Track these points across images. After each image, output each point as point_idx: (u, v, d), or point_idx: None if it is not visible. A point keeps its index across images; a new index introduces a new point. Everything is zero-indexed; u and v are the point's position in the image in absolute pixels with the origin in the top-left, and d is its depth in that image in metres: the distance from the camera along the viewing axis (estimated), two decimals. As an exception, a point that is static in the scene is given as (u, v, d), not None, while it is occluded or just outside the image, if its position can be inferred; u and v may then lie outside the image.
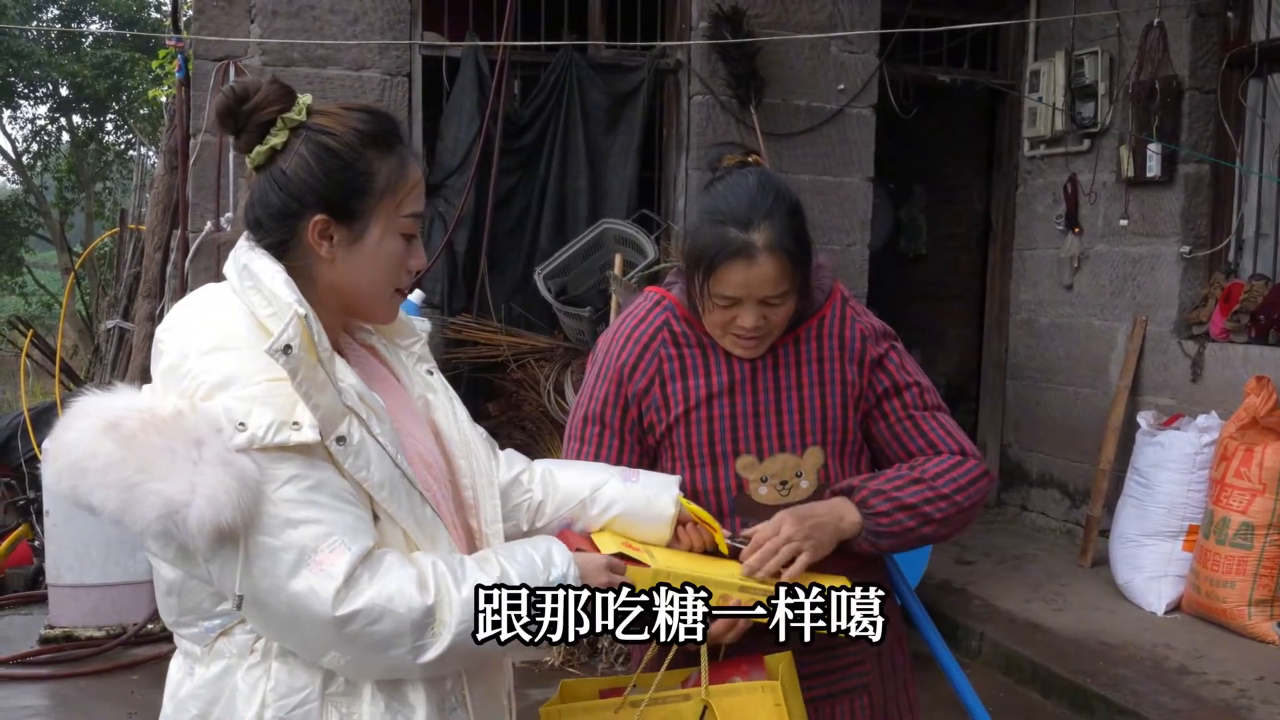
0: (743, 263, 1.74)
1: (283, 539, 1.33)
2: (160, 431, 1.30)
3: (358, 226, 1.48)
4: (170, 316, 1.48)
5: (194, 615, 1.43)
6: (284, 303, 1.39)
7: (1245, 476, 4.63)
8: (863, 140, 5.91)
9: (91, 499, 1.29)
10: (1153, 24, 5.50)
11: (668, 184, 5.84)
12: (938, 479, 1.84)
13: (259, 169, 1.48)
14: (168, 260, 5.62)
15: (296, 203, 1.46)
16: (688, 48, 5.66)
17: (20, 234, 18.12)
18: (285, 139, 1.46)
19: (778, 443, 1.86)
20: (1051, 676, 4.41)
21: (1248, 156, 5.45)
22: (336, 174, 1.46)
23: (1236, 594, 4.63)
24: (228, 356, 1.37)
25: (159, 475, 1.27)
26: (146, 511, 1.27)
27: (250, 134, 1.47)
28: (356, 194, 1.47)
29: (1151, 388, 5.65)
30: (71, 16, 17.84)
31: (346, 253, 1.48)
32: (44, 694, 4.38)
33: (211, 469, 1.28)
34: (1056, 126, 6.05)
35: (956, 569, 5.65)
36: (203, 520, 1.27)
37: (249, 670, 1.41)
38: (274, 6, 5.18)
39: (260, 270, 1.43)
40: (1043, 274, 6.38)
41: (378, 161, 1.48)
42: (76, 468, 1.29)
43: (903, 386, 1.90)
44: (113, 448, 1.28)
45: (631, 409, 1.89)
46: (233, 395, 1.34)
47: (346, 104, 1.52)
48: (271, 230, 1.47)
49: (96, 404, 1.35)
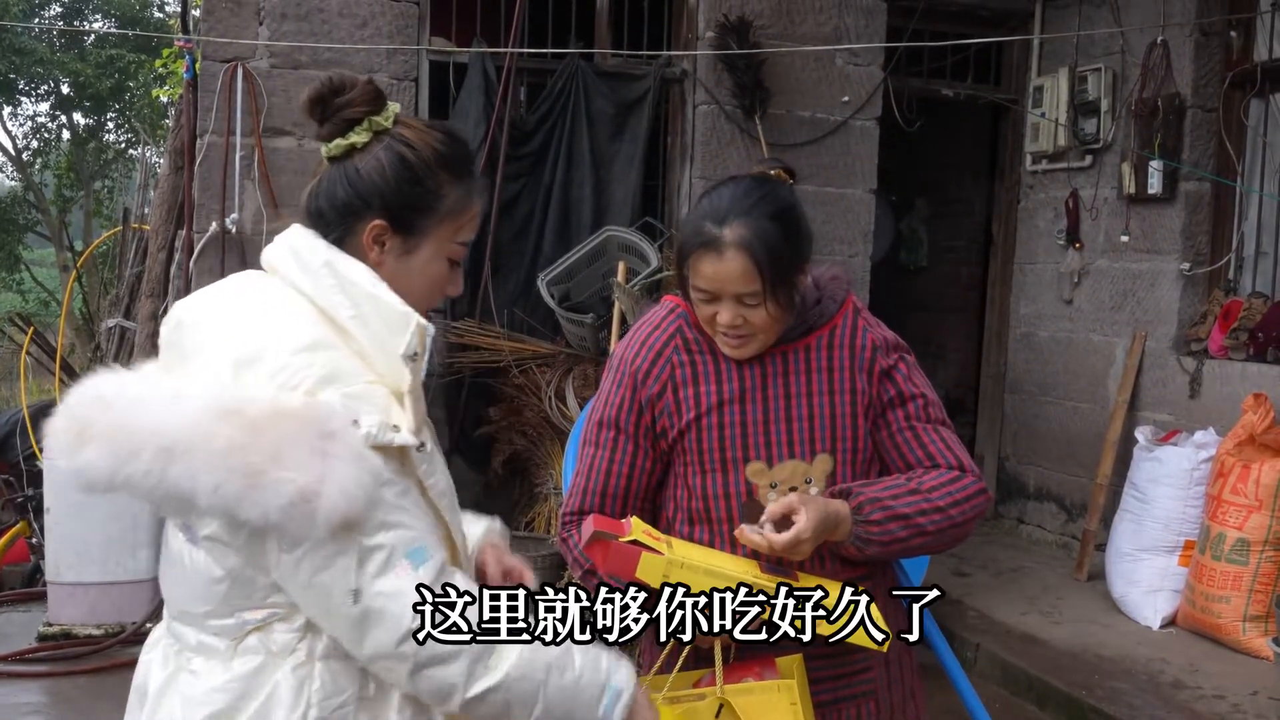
0: (711, 255, 1.78)
1: (375, 539, 1.34)
2: (291, 420, 1.29)
3: (412, 241, 1.50)
4: (208, 304, 1.46)
5: (237, 607, 1.40)
6: (399, 312, 1.42)
7: (1242, 493, 4.66)
8: (866, 152, 5.94)
9: (196, 481, 1.26)
10: (1156, 42, 5.54)
11: (671, 192, 5.87)
12: (934, 491, 1.85)
13: (333, 160, 1.50)
14: (172, 260, 5.63)
15: (361, 202, 1.47)
16: (693, 57, 5.69)
17: (19, 231, 18.10)
18: (367, 140, 1.48)
19: (787, 449, 1.87)
20: (1047, 689, 4.43)
21: (1249, 175, 5.49)
22: (407, 186, 1.48)
23: (1232, 609, 4.65)
24: (326, 355, 1.37)
25: (289, 464, 1.27)
26: (272, 498, 1.26)
27: (334, 125, 1.48)
28: (420, 210, 1.49)
29: (1149, 403, 5.67)
30: (74, 15, 17.85)
31: (395, 262, 1.50)
32: (42, 691, 4.38)
33: (343, 462, 1.29)
34: (1059, 142, 6.08)
35: (953, 580, 5.67)
36: (334, 511, 1.28)
37: (294, 670, 1.39)
38: (283, 9, 5.20)
39: (357, 276, 1.44)
40: (1043, 288, 6.41)
41: (448, 185, 1.51)
42: (178, 450, 1.26)
43: (908, 397, 1.91)
44: (234, 432, 1.26)
45: (645, 414, 1.91)
46: (340, 392, 1.35)
47: (429, 122, 1.55)
48: (331, 222, 1.48)
49: (174, 389, 1.33)
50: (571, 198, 5.54)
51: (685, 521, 1.91)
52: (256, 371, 1.35)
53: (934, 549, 1.90)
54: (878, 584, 1.91)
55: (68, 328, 10.78)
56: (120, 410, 1.31)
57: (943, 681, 2.21)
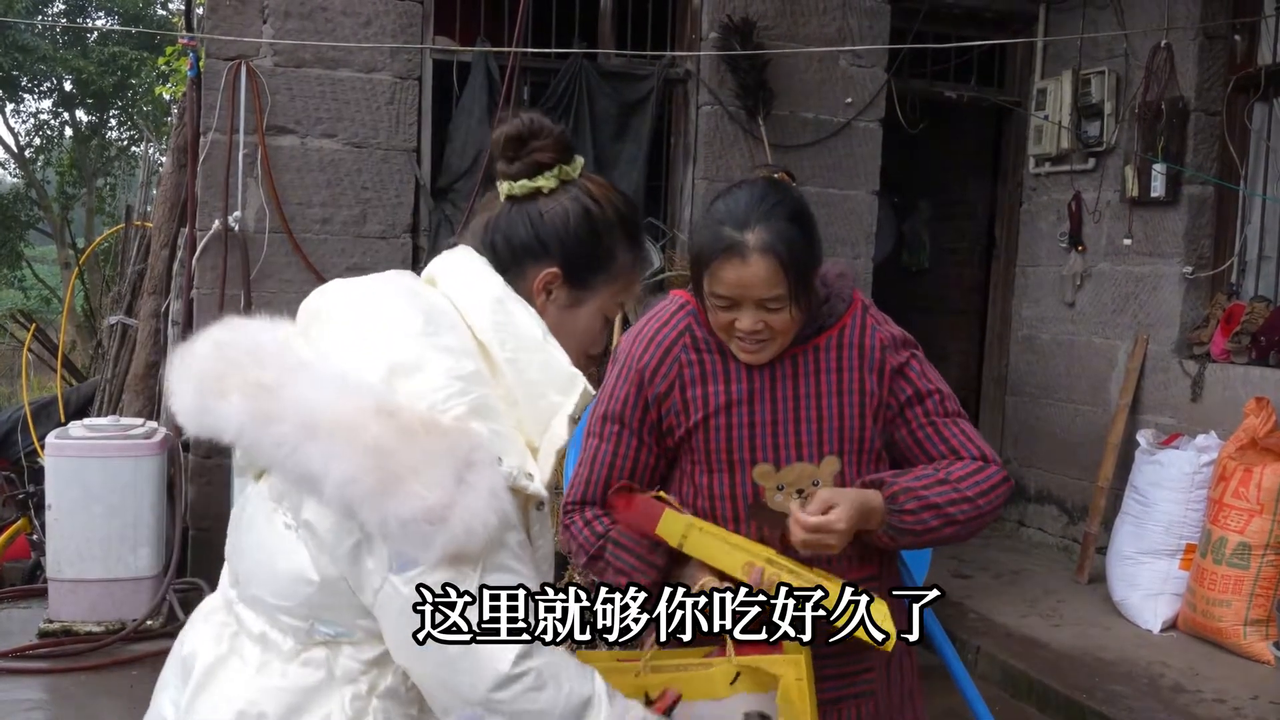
0: (736, 261, 1.76)
1: (491, 578, 1.30)
2: (442, 438, 1.25)
3: (580, 295, 1.50)
4: (359, 298, 1.42)
5: (317, 615, 1.35)
6: (567, 373, 1.41)
7: (1243, 497, 4.66)
8: (869, 154, 5.94)
9: (329, 467, 1.23)
10: (1160, 45, 5.54)
11: (674, 193, 5.87)
12: (962, 481, 1.87)
13: (512, 199, 1.49)
14: (174, 257, 5.64)
15: (540, 246, 1.47)
16: (697, 58, 5.69)
17: (20, 228, 18.12)
18: (554, 186, 1.48)
19: (795, 452, 1.87)
20: (1048, 691, 4.43)
21: (1252, 179, 5.49)
22: (587, 239, 1.48)
23: (1232, 613, 4.65)
24: (481, 390, 1.34)
25: (427, 480, 1.22)
26: (397, 508, 1.22)
27: (523, 165, 1.47)
28: (594, 266, 1.50)
29: (1151, 406, 5.67)
30: (77, 12, 17.86)
31: (559, 312, 1.49)
32: (42, 688, 4.38)
33: (477, 495, 1.25)
34: (1062, 145, 6.08)
35: (954, 583, 5.67)
36: (452, 540, 1.24)
37: (352, 701, 1.35)
38: (287, 7, 5.20)
39: (528, 324, 1.42)
40: (1045, 291, 6.41)
41: (622, 246, 1.52)
42: (321, 430, 1.23)
43: (925, 394, 1.92)
44: (384, 432, 1.23)
45: (651, 411, 1.91)
46: (488, 427, 1.31)
47: (612, 185, 1.55)
48: (504, 260, 1.47)
49: (339, 371, 1.30)
50: (574, 198, 5.53)
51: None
52: (412, 383, 1.31)
53: (962, 538, 1.92)
54: (884, 584, 1.92)
55: (69, 324, 10.79)
56: (276, 372, 1.29)
57: (945, 683, 2.21)
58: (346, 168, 5.32)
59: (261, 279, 5.23)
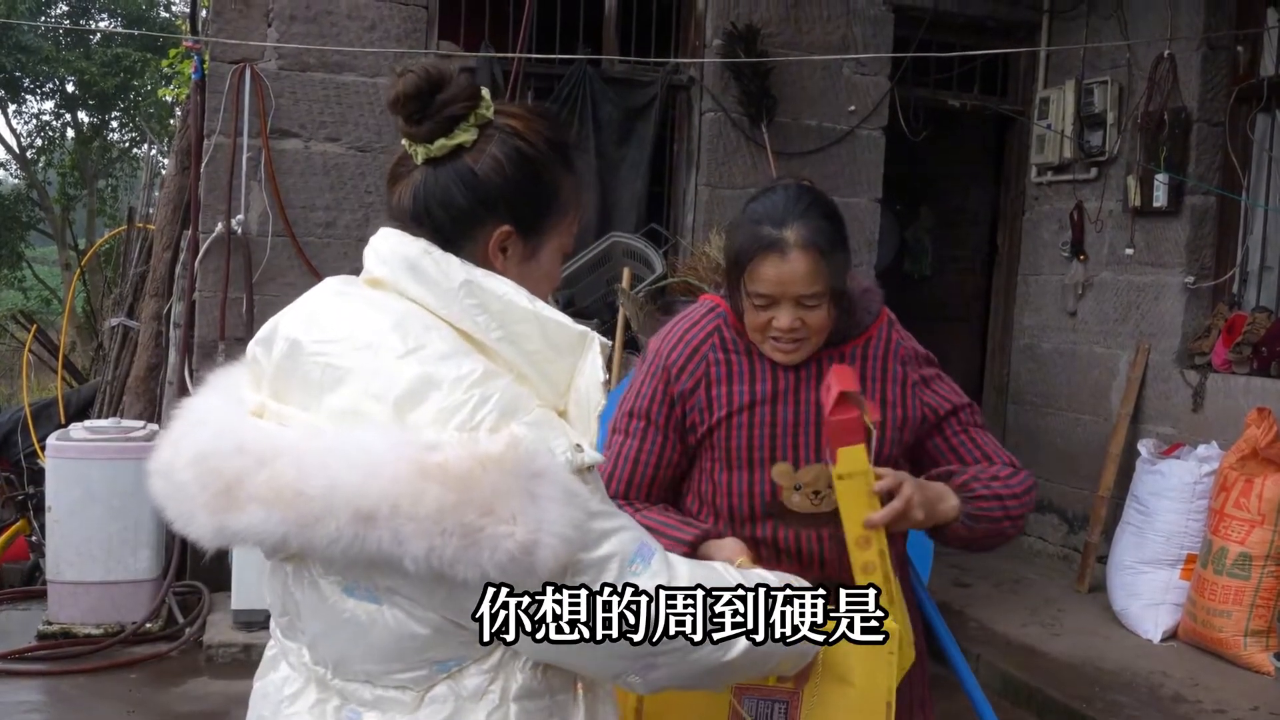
0: (775, 257, 1.79)
1: (603, 550, 1.26)
2: (497, 468, 1.16)
3: (536, 242, 1.38)
4: (328, 325, 1.30)
5: (432, 657, 1.28)
6: (574, 332, 1.32)
7: (1244, 507, 4.65)
8: (872, 161, 5.95)
9: (404, 547, 1.14)
10: (1163, 55, 5.55)
11: (677, 199, 5.87)
12: (1010, 479, 1.94)
13: (432, 162, 1.34)
14: (177, 260, 5.64)
15: (485, 208, 1.33)
16: (701, 65, 5.70)
17: (21, 228, 18.12)
18: (474, 137, 1.32)
19: (814, 453, 1.89)
20: (1048, 701, 4.42)
21: (1254, 189, 5.49)
22: (529, 184, 1.34)
23: (1233, 624, 4.64)
24: (497, 385, 1.23)
25: (504, 516, 1.15)
26: (490, 556, 1.15)
27: (436, 125, 1.31)
28: (544, 210, 1.37)
29: (1152, 416, 5.67)
30: (80, 14, 17.88)
31: (518, 268, 1.36)
32: (41, 690, 4.37)
33: (555, 504, 1.18)
34: (1065, 154, 6.08)
35: (955, 591, 5.67)
36: (554, 559, 1.18)
37: (489, 715, 1.29)
38: (291, 11, 5.21)
39: (509, 294, 1.30)
40: (1047, 300, 6.41)
41: (562, 175, 1.38)
42: (380, 515, 1.14)
43: (959, 406, 2.00)
44: (443, 491, 1.14)
45: (676, 408, 1.94)
46: (523, 423, 1.22)
47: (526, 106, 1.40)
48: (448, 233, 1.33)
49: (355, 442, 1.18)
50: (577, 203, 5.54)
51: (707, 515, 1.94)
52: (425, 410, 1.20)
53: (1009, 536, 1.95)
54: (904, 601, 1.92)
55: (69, 326, 10.78)
56: (284, 467, 1.18)
57: (949, 690, 2.21)
58: (350, 172, 5.32)
59: (264, 282, 5.23)
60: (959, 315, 7.71)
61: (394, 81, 1.33)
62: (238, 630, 4.71)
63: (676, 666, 1.33)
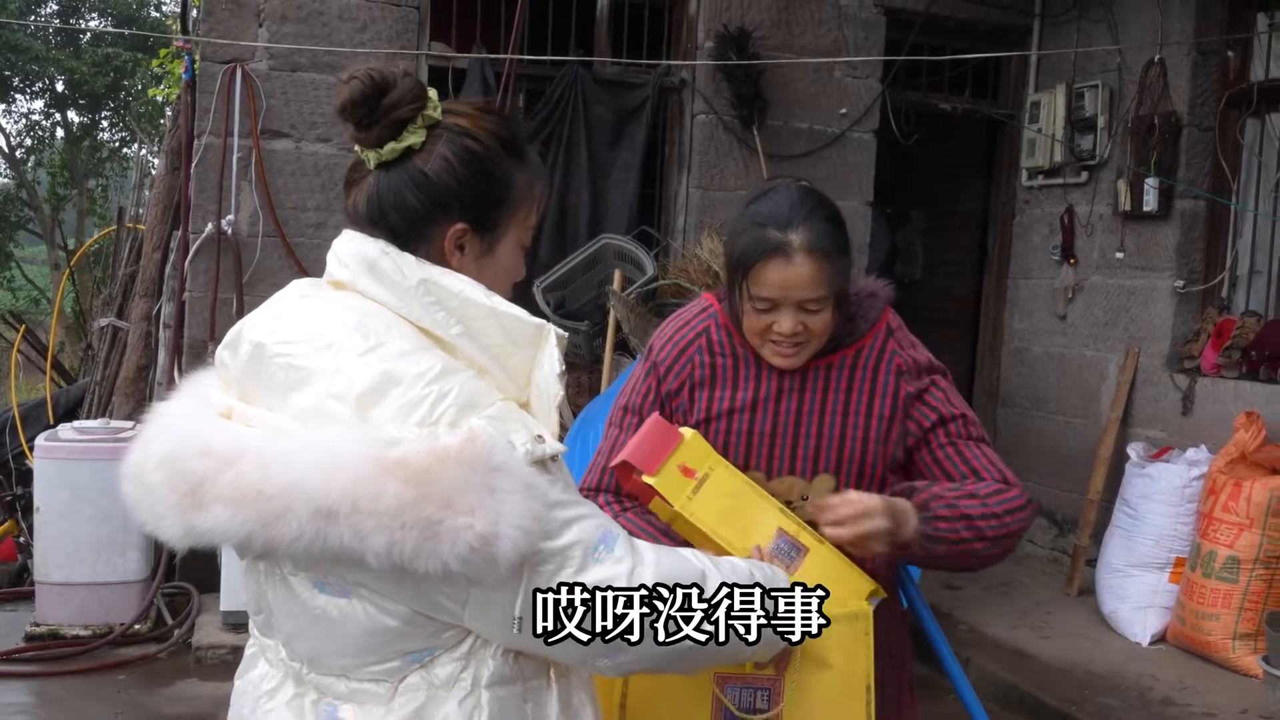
0: (780, 261, 1.75)
1: (565, 538, 1.28)
2: (456, 463, 1.18)
3: (492, 238, 1.40)
4: (291, 326, 1.32)
5: (403, 649, 1.31)
6: (531, 325, 1.34)
7: (1233, 511, 4.67)
8: (863, 164, 5.96)
9: (365, 542, 1.16)
10: (1153, 60, 5.57)
11: (668, 201, 5.87)
12: (989, 498, 1.83)
13: (384, 166, 1.36)
14: (166, 260, 5.62)
15: (438, 208, 1.35)
16: (693, 67, 5.70)
17: (10, 228, 18.06)
18: (423, 139, 1.35)
19: (788, 465, 1.87)
20: (1038, 704, 4.43)
21: (1244, 194, 5.52)
22: (481, 181, 1.37)
23: (1221, 627, 4.66)
24: (457, 379, 1.26)
25: (463, 509, 1.17)
26: (450, 548, 1.17)
27: (384, 129, 1.33)
28: (497, 204, 1.39)
29: (1142, 420, 5.69)
30: (70, 13, 17.82)
31: (476, 264, 1.39)
32: (29, 691, 4.35)
33: (514, 495, 1.20)
34: (1055, 158, 6.10)
35: (944, 594, 5.67)
36: (514, 550, 1.20)
37: (460, 703, 1.31)
38: (283, 11, 5.19)
39: (465, 291, 1.33)
40: (1037, 303, 6.43)
41: (515, 169, 1.40)
42: (340, 512, 1.16)
43: (948, 418, 1.89)
44: (402, 487, 1.16)
45: (665, 406, 1.94)
46: (483, 416, 1.24)
47: (473, 103, 1.43)
48: (404, 234, 1.35)
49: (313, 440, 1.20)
50: (568, 205, 5.55)
51: None
52: (385, 406, 1.23)
53: (989, 558, 1.84)
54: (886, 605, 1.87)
55: (59, 326, 10.74)
56: (248, 467, 1.20)
57: (937, 691, 2.20)
58: (341, 172, 5.24)
59: (254, 283, 5.22)
60: (949, 319, 7.72)
61: (339, 89, 1.35)
62: (226, 632, 4.69)
63: (642, 652, 1.35)
